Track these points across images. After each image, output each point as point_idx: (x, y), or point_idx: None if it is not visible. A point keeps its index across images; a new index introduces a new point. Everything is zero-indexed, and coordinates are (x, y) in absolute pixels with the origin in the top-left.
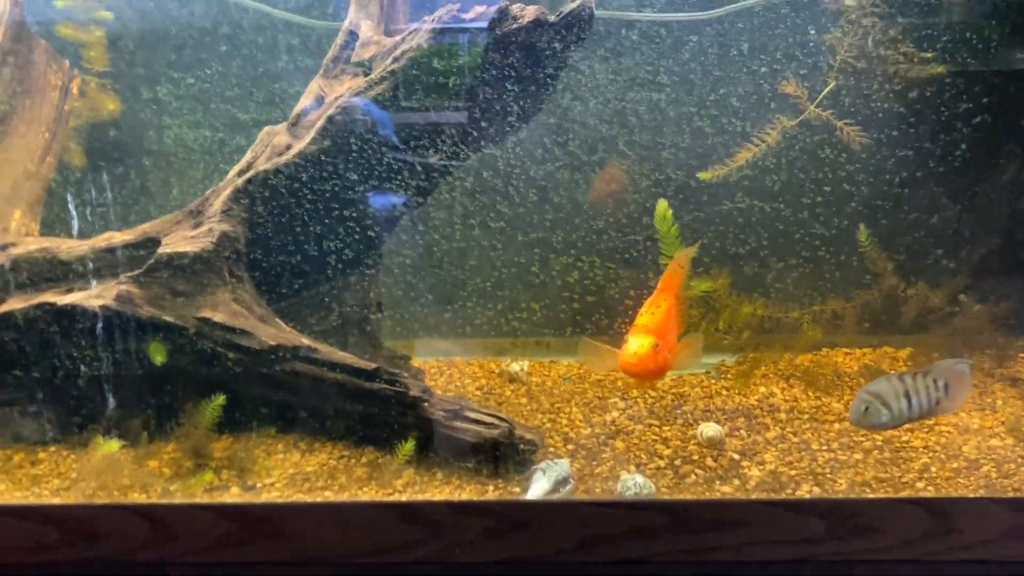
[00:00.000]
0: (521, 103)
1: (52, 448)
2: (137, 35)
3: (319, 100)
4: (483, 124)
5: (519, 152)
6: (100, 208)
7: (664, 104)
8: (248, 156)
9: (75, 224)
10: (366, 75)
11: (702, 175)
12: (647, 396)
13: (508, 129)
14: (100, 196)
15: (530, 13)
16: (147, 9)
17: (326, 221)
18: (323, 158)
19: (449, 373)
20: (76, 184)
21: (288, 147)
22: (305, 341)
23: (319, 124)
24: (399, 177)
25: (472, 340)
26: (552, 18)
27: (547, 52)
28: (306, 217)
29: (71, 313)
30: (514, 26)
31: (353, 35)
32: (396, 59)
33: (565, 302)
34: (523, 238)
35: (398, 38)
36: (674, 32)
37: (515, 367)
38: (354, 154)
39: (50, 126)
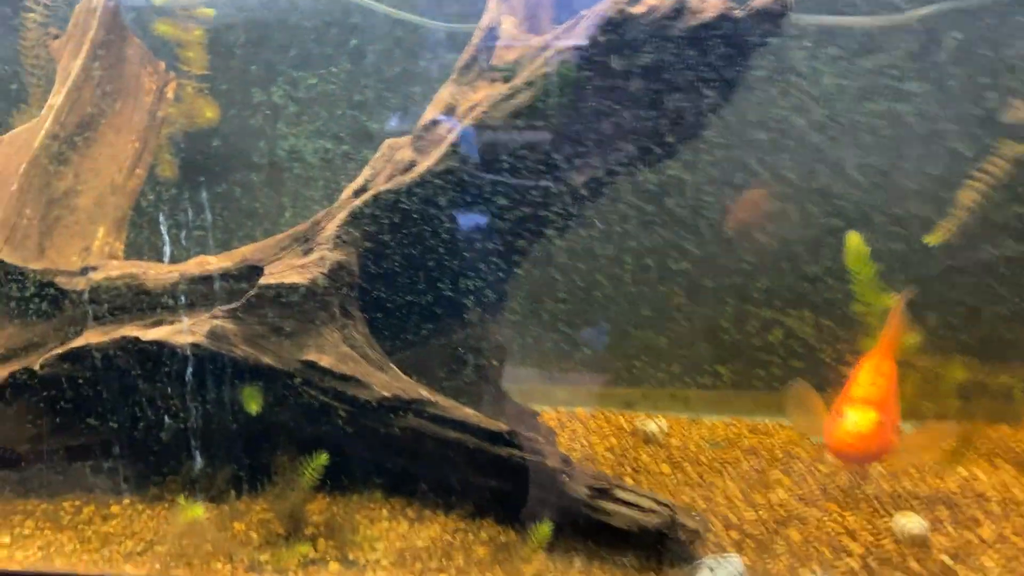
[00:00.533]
0: (696, 112)
1: (126, 501)
2: (245, 31)
3: (450, 110)
4: (646, 138)
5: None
6: (197, 230)
7: (911, 117)
8: (366, 173)
9: (167, 249)
10: (507, 81)
11: (928, 239)
12: (815, 470)
13: (676, 144)
14: (197, 215)
15: (713, 6)
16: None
17: (451, 251)
18: (453, 178)
19: (572, 427)
20: (168, 201)
21: (412, 164)
22: (424, 393)
23: (449, 139)
24: (542, 200)
25: (594, 388)
26: (739, 12)
27: (730, 52)
28: (429, 246)
29: (156, 351)
30: (693, 22)
31: (492, 34)
32: (546, 61)
33: (708, 346)
34: (660, 267)
35: (548, 36)
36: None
37: (651, 426)
38: (491, 174)
39: (141, 134)
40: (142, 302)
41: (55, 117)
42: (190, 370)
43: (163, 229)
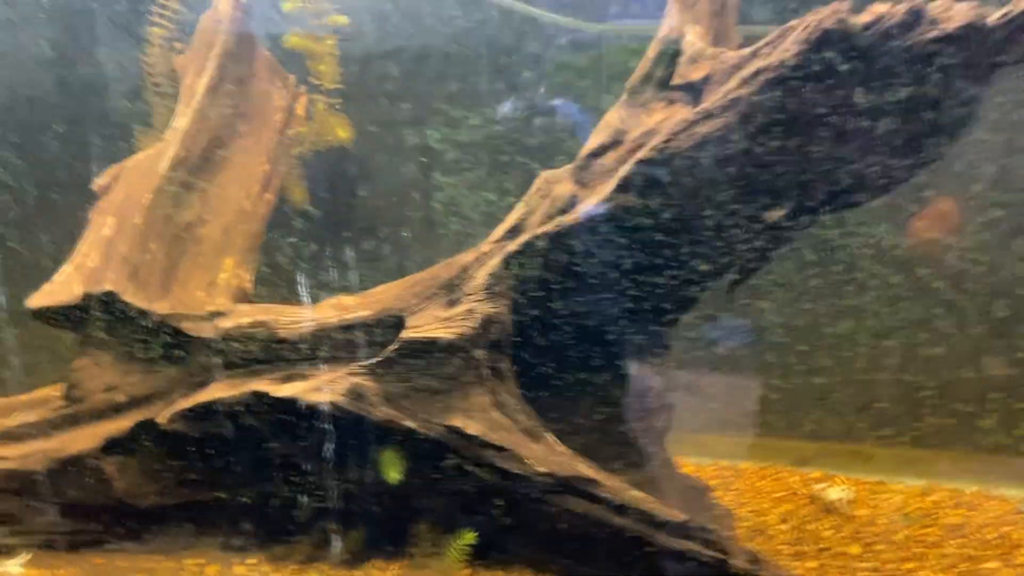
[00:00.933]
0: (930, 139)
1: (251, 560)
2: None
3: (618, 136)
4: (867, 168)
5: None
6: (328, 266)
7: None
8: (520, 210)
9: (303, 291)
10: (693, 103)
11: None
12: None
13: (901, 176)
14: (331, 246)
15: (960, 14)
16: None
17: (615, 301)
18: (624, 219)
19: (737, 487)
20: (299, 229)
21: (573, 200)
22: (583, 469)
23: (622, 172)
24: (727, 243)
25: (760, 438)
26: (992, 20)
27: (979, 69)
28: (590, 296)
29: (289, 407)
30: (932, 34)
31: (673, 47)
32: (743, 82)
33: (897, 394)
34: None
35: (745, 52)
36: None
37: (832, 494)
38: (670, 213)
39: (270, 155)
40: (274, 351)
41: (181, 142)
42: (324, 429)
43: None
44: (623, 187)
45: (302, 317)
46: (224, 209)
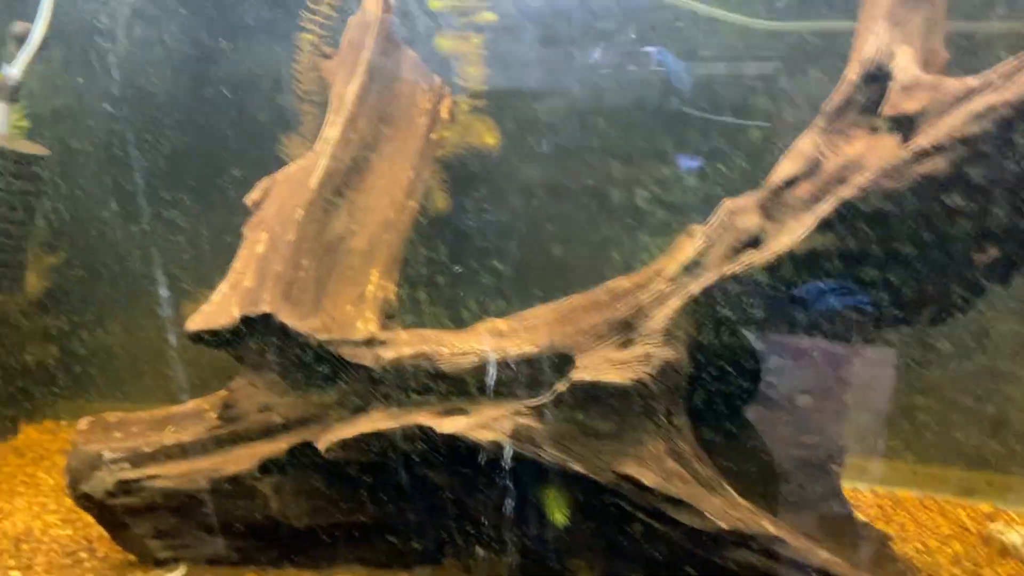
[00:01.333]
0: None
1: None
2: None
3: (813, 165)
4: None
5: None
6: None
7: None
8: (698, 243)
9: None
10: (899, 133)
11: None
12: None
13: None
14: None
15: None
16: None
17: (800, 350)
18: (822, 262)
19: (898, 519)
20: (442, 238)
21: (759, 234)
22: (768, 526)
23: (823, 211)
24: (937, 282)
25: (918, 464)
26: None
27: None
28: (776, 338)
29: (450, 444)
30: None
31: (879, 69)
32: (975, 118)
33: None
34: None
35: (973, 82)
36: None
37: (1013, 536)
38: (872, 255)
39: (415, 162)
40: (435, 384)
41: (332, 152)
42: (487, 466)
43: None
44: (824, 227)
45: (463, 350)
46: (370, 219)
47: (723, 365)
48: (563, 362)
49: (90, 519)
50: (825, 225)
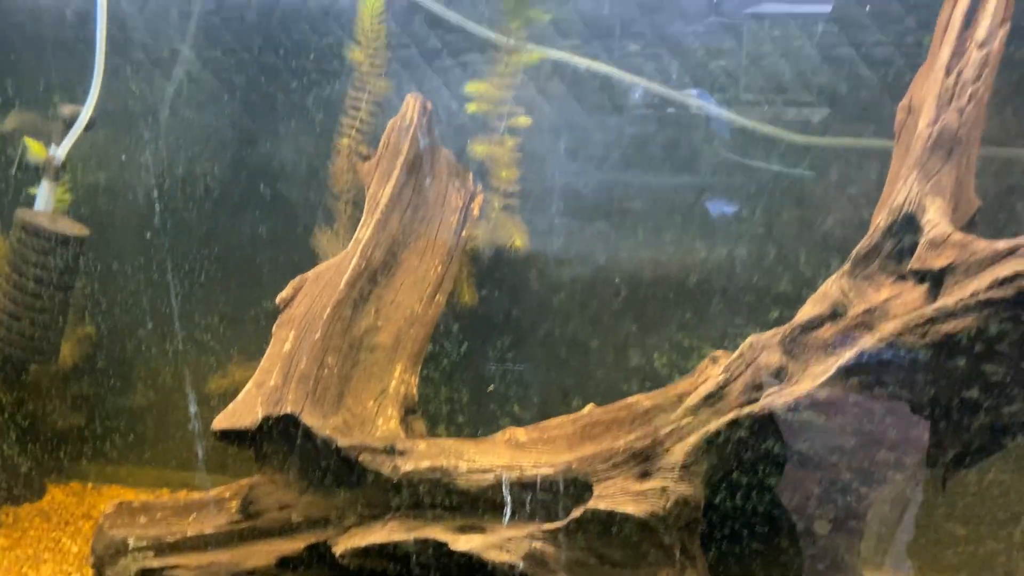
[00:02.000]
0: None
1: None
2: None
3: (837, 309)
4: None
5: None
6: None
7: None
8: (718, 376)
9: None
10: (924, 284)
11: None
12: None
13: None
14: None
15: None
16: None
17: (827, 494)
18: (840, 408)
19: None
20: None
21: (779, 372)
22: None
23: (845, 358)
24: (958, 429)
25: None
26: None
27: None
28: (792, 478)
29: (464, 561)
30: None
31: (908, 221)
32: (1001, 283)
33: None
34: None
35: (1001, 246)
36: None
37: None
38: (890, 403)
39: (444, 258)
40: (450, 499)
41: (362, 253)
42: None
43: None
44: (844, 373)
45: (481, 467)
46: (396, 314)
47: (738, 499)
48: (580, 487)
49: None
50: (845, 372)
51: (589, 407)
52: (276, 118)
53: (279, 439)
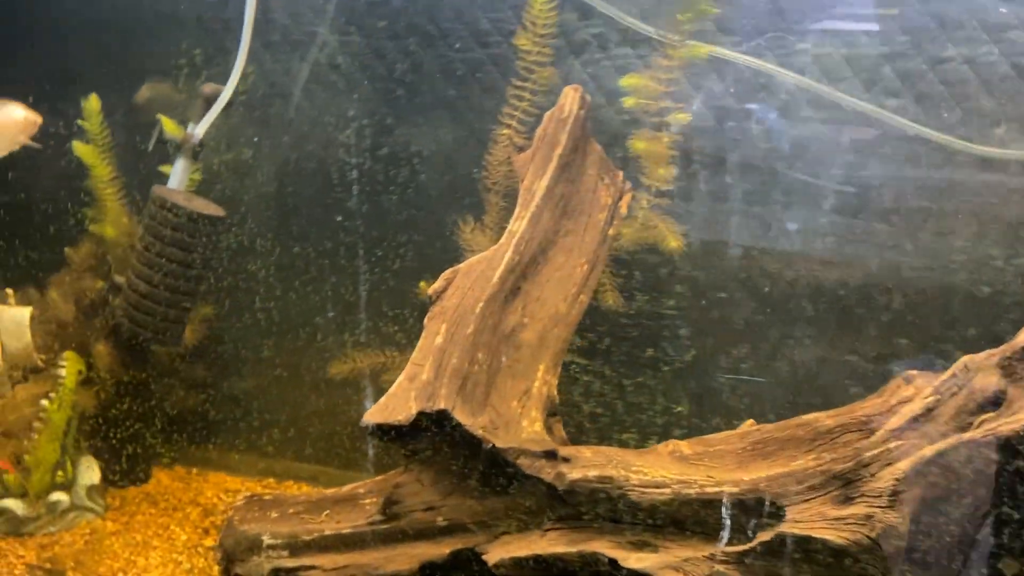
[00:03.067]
0: None
1: None
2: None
3: None
4: None
5: None
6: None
7: None
8: (927, 397)
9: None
10: None
11: None
12: None
13: None
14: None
15: None
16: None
17: None
18: None
19: None
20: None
21: (999, 397)
22: None
23: None
24: None
25: None
26: None
27: None
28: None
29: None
30: None
31: None
32: None
33: None
34: None
35: None
36: None
37: None
38: None
39: (590, 256)
40: (618, 512)
41: (516, 246)
42: None
43: None
44: None
45: (655, 481)
46: (541, 312)
47: (947, 532)
48: (768, 509)
49: None
50: None
51: (749, 423)
52: (415, 107)
53: (430, 436)
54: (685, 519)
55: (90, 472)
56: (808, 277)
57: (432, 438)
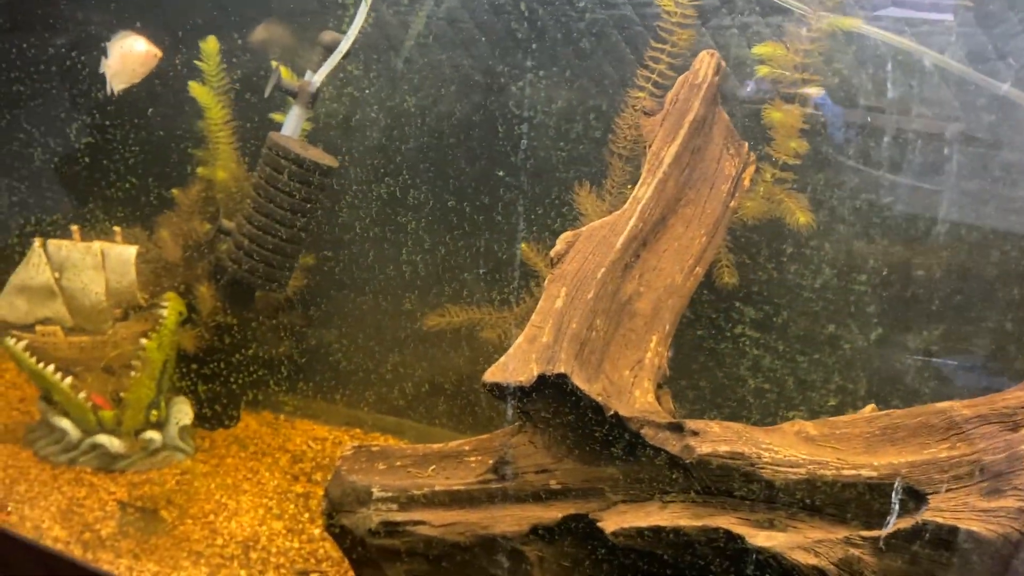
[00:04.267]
0: None
1: None
2: None
3: None
4: None
5: None
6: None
7: None
8: None
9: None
10: None
11: None
12: None
13: None
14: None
15: None
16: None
17: None
18: None
19: None
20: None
21: None
22: None
23: None
24: None
25: None
26: None
27: None
28: None
29: (758, 559)
30: None
31: None
32: None
33: None
34: None
35: None
36: None
37: None
38: None
39: (709, 228)
40: (746, 490)
41: (640, 213)
42: None
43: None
44: None
45: (786, 458)
46: (657, 282)
47: None
48: (908, 495)
49: (319, 534)
50: None
51: (871, 407)
52: (532, 65)
53: (547, 399)
54: (818, 500)
55: (183, 413)
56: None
57: (550, 401)
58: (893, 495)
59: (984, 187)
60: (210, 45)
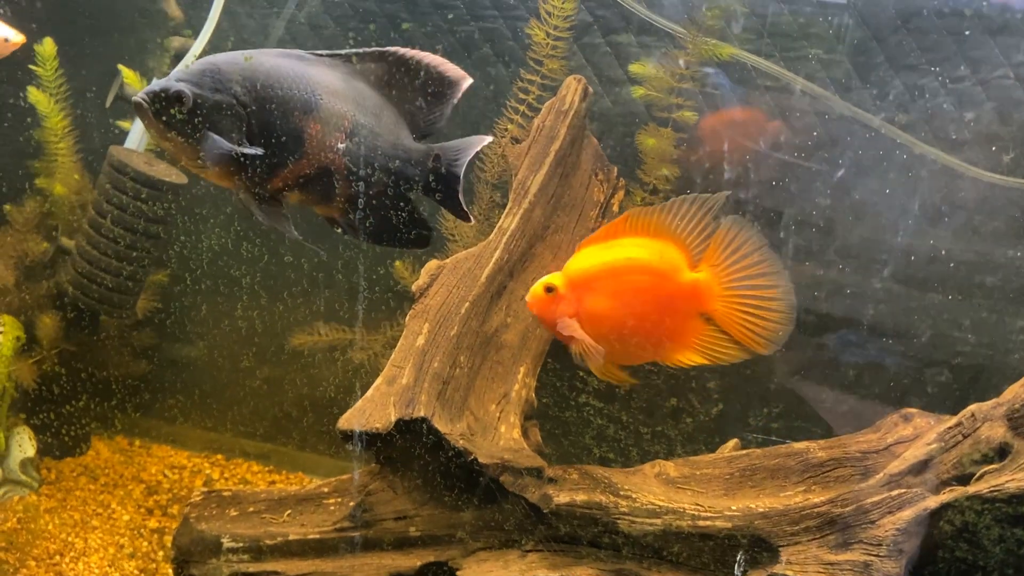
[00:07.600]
0: None
1: None
2: None
3: None
4: None
5: None
6: None
7: None
8: (930, 442)
9: None
10: None
11: None
12: None
13: None
14: None
15: None
16: None
17: None
18: None
19: None
20: None
21: (1004, 449)
22: None
23: None
24: None
25: None
26: None
27: None
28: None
29: None
30: None
31: None
32: None
33: None
34: None
35: None
36: None
37: None
38: None
39: None
40: (607, 539)
41: (506, 244)
42: None
43: None
44: None
45: (643, 506)
46: (525, 312)
47: None
48: (755, 545)
49: None
50: None
51: (734, 442)
52: None
53: (407, 443)
54: (675, 549)
55: (25, 445)
56: None
57: (409, 446)
58: (739, 556)
59: None
60: (47, 48)
